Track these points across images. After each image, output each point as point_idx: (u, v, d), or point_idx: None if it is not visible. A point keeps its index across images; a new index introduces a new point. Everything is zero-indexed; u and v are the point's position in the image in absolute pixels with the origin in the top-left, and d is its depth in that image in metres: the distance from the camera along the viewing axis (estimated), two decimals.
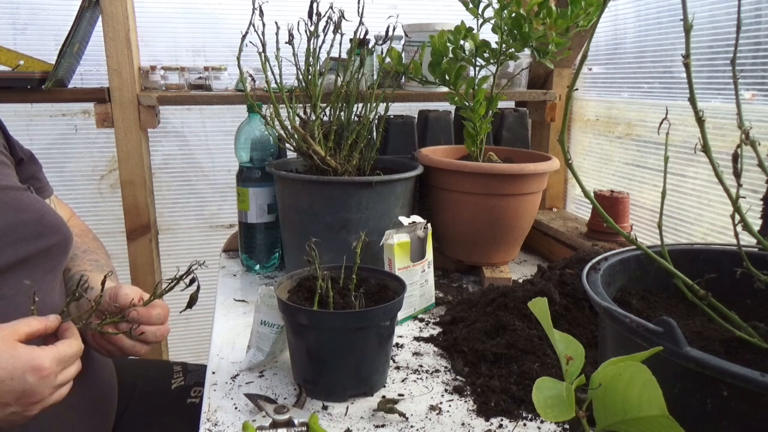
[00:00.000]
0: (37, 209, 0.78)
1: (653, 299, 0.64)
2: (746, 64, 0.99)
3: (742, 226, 0.50)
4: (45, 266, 0.78)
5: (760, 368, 0.39)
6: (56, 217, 0.82)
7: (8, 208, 0.74)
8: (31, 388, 0.61)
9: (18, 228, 0.74)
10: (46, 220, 0.79)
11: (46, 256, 0.78)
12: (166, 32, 1.60)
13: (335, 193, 1.03)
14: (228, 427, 0.70)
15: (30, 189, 0.84)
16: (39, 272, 0.76)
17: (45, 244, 0.77)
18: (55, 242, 0.79)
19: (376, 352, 0.76)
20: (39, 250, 0.76)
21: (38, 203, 0.80)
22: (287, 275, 0.85)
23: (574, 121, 1.55)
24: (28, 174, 0.91)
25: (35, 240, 0.76)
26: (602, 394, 0.41)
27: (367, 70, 1.29)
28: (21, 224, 0.74)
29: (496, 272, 1.16)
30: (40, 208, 0.79)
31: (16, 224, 0.74)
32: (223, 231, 1.79)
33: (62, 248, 0.82)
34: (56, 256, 0.81)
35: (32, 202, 0.79)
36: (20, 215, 0.75)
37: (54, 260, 0.80)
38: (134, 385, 1.01)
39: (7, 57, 1.31)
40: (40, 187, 0.93)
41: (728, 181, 0.49)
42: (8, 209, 0.74)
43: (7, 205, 0.74)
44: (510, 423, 0.71)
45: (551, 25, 1.03)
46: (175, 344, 1.81)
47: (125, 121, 1.31)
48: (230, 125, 1.65)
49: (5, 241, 0.72)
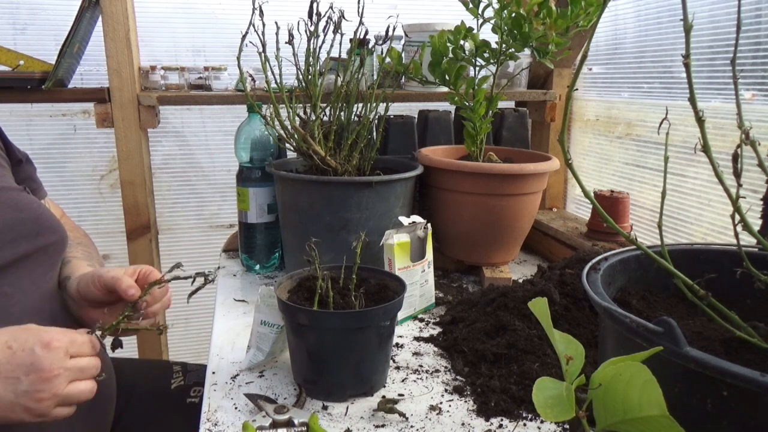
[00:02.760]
0: (34, 209, 0.79)
1: (653, 299, 0.64)
2: (746, 64, 0.99)
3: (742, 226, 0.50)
4: (43, 265, 0.79)
5: (760, 368, 0.39)
6: (53, 217, 0.83)
7: (6, 207, 0.75)
8: (40, 361, 0.61)
9: (17, 226, 0.75)
10: (43, 219, 0.80)
11: (44, 254, 0.79)
12: (166, 32, 1.60)
13: (335, 193, 1.03)
14: (228, 427, 0.70)
15: (26, 190, 0.85)
16: (38, 271, 0.77)
17: (43, 242, 0.78)
18: (52, 241, 0.80)
19: (376, 352, 0.76)
20: (37, 248, 0.77)
21: (35, 203, 0.81)
22: (287, 275, 0.85)
23: (574, 121, 1.55)
24: (25, 175, 0.92)
25: (34, 238, 0.77)
26: (602, 394, 0.41)
27: (367, 70, 1.29)
28: (19, 222, 0.75)
29: (496, 272, 1.16)
30: (36, 208, 0.80)
31: (14, 222, 0.75)
32: (223, 231, 1.79)
33: (59, 247, 0.83)
34: (53, 255, 0.82)
35: (29, 201, 0.80)
36: (18, 214, 0.76)
37: (51, 259, 0.81)
38: (134, 385, 1.01)
39: (7, 57, 1.31)
40: (35, 188, 0.95)
41: (728, 181, 0.49)
42: (6, 208, 0.75)
43: (5, 204, 0.75)
44: (510, 423, 0.71)
45: (551, 25, 1.03)
46: (175, 344, 1.81)
47: (125, 121, 1.31)
48: (230, 125, 1.65)
49: (4, 239, 0.72)
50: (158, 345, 1.55)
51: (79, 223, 1.07)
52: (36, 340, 0.62)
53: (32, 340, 0.62)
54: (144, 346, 1.54)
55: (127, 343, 1.73)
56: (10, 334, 0.63)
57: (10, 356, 0.61)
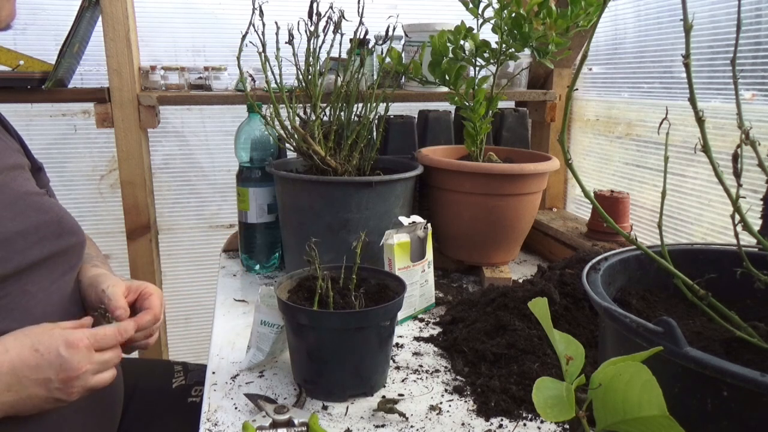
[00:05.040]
0: (56, 212, 0.82)
1: (653, 299, 0.64)
2: (746, 64, 0.99)
3: (742, 226, 0.50)
4: (64, 266, 0.81)
5: (760, 368, 0.39)
6: (73, 219, 0.85)
7: (31, 210, 0.78)
8: (67, 361, 0.67)
9: (41, 228, 0.77)
10: (65, 221, 0.82)
11: (65, 255, 0.81)
12: (166, 32, 1.60)
13: (335, 193, 1.03)
14: (228, 427, 0.70)
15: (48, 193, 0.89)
16: (58, 271, 0.80)
17: (65, 244, 0.81)
18: (73, 243, 0.83)
19: (376, 352, 0.76)
20: (60, 250, 0.80)
21: (57, 206, 0.84)
22: (287, 275, 0.85)
23: (574, 121, 1.55)
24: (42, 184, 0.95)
25: (56, 239, 0.79)
26: (602, 394, 0.41)
27: (367, 70, 1.29)
28: (44, 224, 0.78)
29: (496, 272, 1.16)
30: (58, 211, 0.83)
31: (39, 224, 0.77)
32: (223, 231, 1.79)
33: (79, 249, 0.85)
34: (73, 256, 0.84)
35: (51, 205, 0.83)
36: (43, 216, 0.79)
37: (72, 260, 0.84)
38: (135, 385, 1.02)
39: (7, 57, 1.31)
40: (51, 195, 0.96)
41: (728, 181, 0.49)
42: (31, 211, 0.78)
43: (30, 207, 0.78)
44: (510, 423, 0.71)
45: (551, 25, 1.03)
46: (175, 344, 1.81)
47: (125, 121, 1.31)
48: (230, 125, 1.65)
49: (31, 240, 0.75)
50: (158, 345, 1.55)
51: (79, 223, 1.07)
52: (60, 341, 0.67)
53: (56, 342, 0.67)
54: None
55: None
56: (33, 337, 0.67)
57: (38, 359, 0.66)
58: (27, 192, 0.80)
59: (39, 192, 0.84)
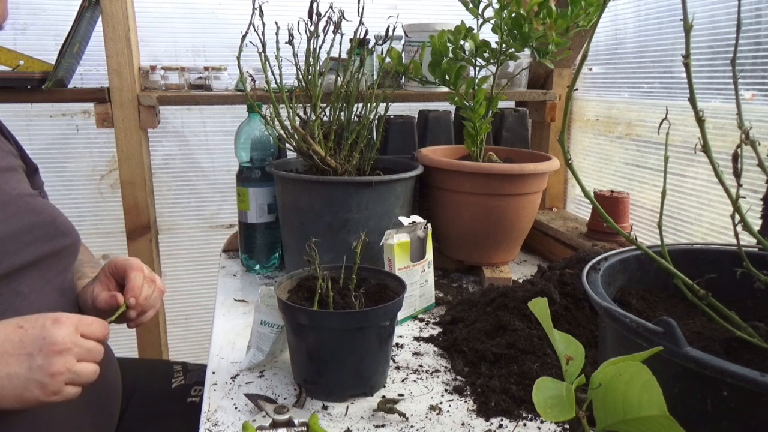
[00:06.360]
0: (49, 213, 0.82)
1: (653, 299, 0.64)
2: (746, 64, 0.99)
3: (742, 226, 0.50)
4: (57, 267, 0.81)
5: (760, 368, 0.39)
6: (67, 220, 0.85)
7: (24, 211, 0.78)
8: (52, 335, 0.64)
9: (34, 229, 0.77)
10: (58, 222, 0.82)
11: (58, 257, 0.81)
12: (166, 32, 1.60)
13: (335, 193, 1.03)
14: (228, 427, 0.70)
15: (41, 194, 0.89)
16: (52, 273, 0.80)
17: (58, 245, 0.81)
18: (66, 244, 0.83)
19: (376, 352, 0.76)
20: (53, 251, 0.79)
21: (50, 207, 0.84)
22: (287, 275, 0.85)
23: (574, 121, 1.55)
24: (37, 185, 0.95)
25: (49, 241, 0.79)
26: (602, 394, 0.41)
27: (367, 70, 1.29)
28: (36, 226, 0.78)
29: (496, 272, 1.16)
30: (52, 212, 0.83)
31: (32, 226, 0.77)
32: (223, 231, 1.79)
33: (73, 251, 0.85)
34: (67, 257, 0.84)
35: (45, 206, 0.83)
36: (36, 218, 0.79)
37: (65, 261, 0.83)
38: (135, 385, 1.02)
39: (7, 57, 1.31)
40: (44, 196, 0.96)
41: (728, 181, 0.49)
42: (24, 212, 0.77)
43: (23, 209, 0.78)
44: (510, 423, 0.71)
45: (551, 25, 1.03)
46: (175, 344, 1.81)
47: (125, 121, 1.31)
48: (230, 125, 1.65)
49: (23, 242, 0.75)
50: (158, 345, 1.55)
51: (79, 224, 1.08)
52: (47, 318, 0.66)
53: (42, 318, 0.66)
54: (144, 345, 1.54)
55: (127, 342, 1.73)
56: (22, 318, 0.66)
57: (22, 334, 0.64)
58: (20, 194, 0.80)
59: (32, 193, 0.84)
